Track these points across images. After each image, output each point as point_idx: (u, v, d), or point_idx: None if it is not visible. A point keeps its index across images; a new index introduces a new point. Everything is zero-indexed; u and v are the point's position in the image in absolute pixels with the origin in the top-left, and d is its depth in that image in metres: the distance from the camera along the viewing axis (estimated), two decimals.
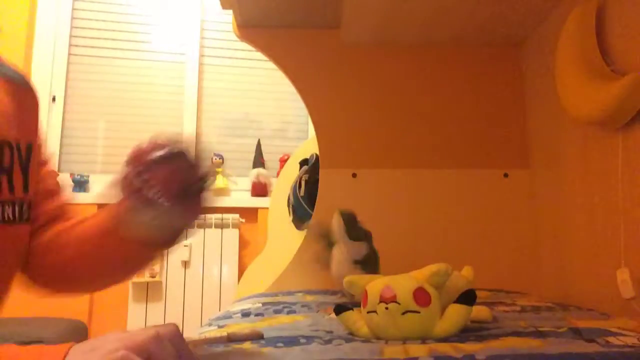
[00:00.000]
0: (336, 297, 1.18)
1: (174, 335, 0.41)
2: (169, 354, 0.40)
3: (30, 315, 2.22)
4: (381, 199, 1.50)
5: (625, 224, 1.01)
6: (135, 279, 2.40)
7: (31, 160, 0.71)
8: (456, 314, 0.64)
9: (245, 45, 1.68)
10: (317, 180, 1.52)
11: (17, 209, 0.67)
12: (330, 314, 0.88)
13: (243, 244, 2.56)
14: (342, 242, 1.13)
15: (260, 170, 2.58)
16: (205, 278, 2.47)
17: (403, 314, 0.63)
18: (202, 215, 0.62)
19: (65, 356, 0.39)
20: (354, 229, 1.15)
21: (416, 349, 0.57)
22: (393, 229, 1.48)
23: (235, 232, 2.50)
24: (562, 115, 1.26)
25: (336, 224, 1.14)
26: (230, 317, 0.94)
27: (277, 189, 2.02)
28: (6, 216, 0.65)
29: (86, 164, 2.55)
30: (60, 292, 0.77)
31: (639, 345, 0.57)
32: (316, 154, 1.67)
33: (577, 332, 0.66)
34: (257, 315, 0.94)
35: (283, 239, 1.84)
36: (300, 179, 1.74)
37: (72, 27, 2.65)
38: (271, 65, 1.66)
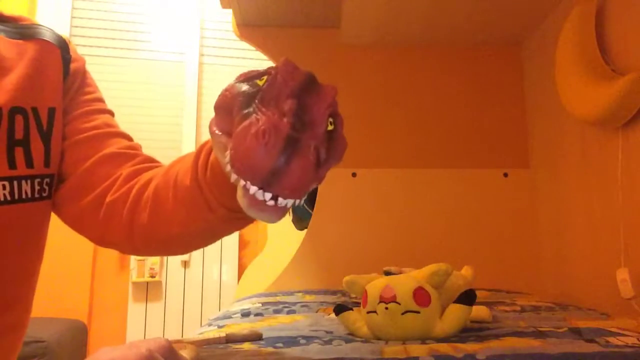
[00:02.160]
0: (336, 297, 1.18)
1: (166, 351, 0.40)
2: None
3: (31, 315, 2.22)
4: (381, 199, 1.50)
5: (625, 223, 1.01)
6: (135, 278, 2.40)
7: (54, 127, 0.62)
8: (456, 314, 0.64)
9: (245, 45, 1.69)
10: None
11: (36, 186, 0.60)
12: (330, 314, 0.88)
13: (243, 244, 2.56)
14: None
15: None
16: (205, 278, 2.47)
17: (403, 314, 0.63)
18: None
19: None
20: None
21: (416, 349, 0.57)
22: (393, 229, 1.48)
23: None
24: (562, 115, 1.26)
25: None
26: (229, 317, 0.93)
27: None
28: (24, 194, 0.58)
29: None
30: (156, 253, 0.67)
31: (639, 345, 0.57)
32: None
33: (577, 332, 0.66)
34: (256, 315, 0.94)
35: (283, 239, 1.84)
36: None
37: (71, 27, 2.66)
38: (271, 64, 1.66)
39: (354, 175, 1.51)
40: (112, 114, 0.71)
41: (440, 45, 1.57)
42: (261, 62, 2.64)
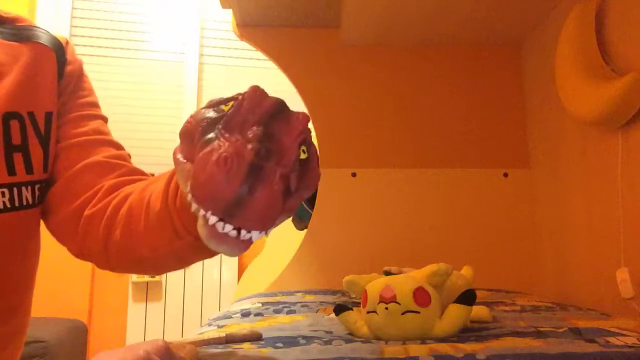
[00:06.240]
0: (336, 297, 1.18)
1: (163, 352, 0.41)
2: None
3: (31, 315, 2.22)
4: (381, 199, 1.50)
5: (625, 223, 1.01)
6: (135, 278, 2.40)
7: (52, 131, 0.62)
8: (456, 314, 0.64)
9: (245, 45, 1.68)
10: None
11: (36, 192, 0.59)
12: (330, 314, 0.88)
13: None
14: None
15: None
16: (205, 278, 2.47)
17: (403, 314, 0.63)
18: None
19: None
20: None
21: (416, 349, 0.57)
22: (393, 229, 1.48)
23: None
24: (562, 115, 1.26)
25: None
26: (229, 317, 0.93)
27: None
28: (24, 200, 0.57)
29: None
30: (129, 271, 0.65)
31: (639, 345, 0.57)
32: None
33: (577, 332, 0.66)
34: (256, 315, 0.94)
35: (283, 239, 1.83)
36: None
37: (71, 27, 2.66)
38: (271, 64, 1.66)
39: (354, 175, 1.51)
40: (105, 120, 0.70)
41: (440, 45, 1.57)
42: (261, 62, 2.65)
